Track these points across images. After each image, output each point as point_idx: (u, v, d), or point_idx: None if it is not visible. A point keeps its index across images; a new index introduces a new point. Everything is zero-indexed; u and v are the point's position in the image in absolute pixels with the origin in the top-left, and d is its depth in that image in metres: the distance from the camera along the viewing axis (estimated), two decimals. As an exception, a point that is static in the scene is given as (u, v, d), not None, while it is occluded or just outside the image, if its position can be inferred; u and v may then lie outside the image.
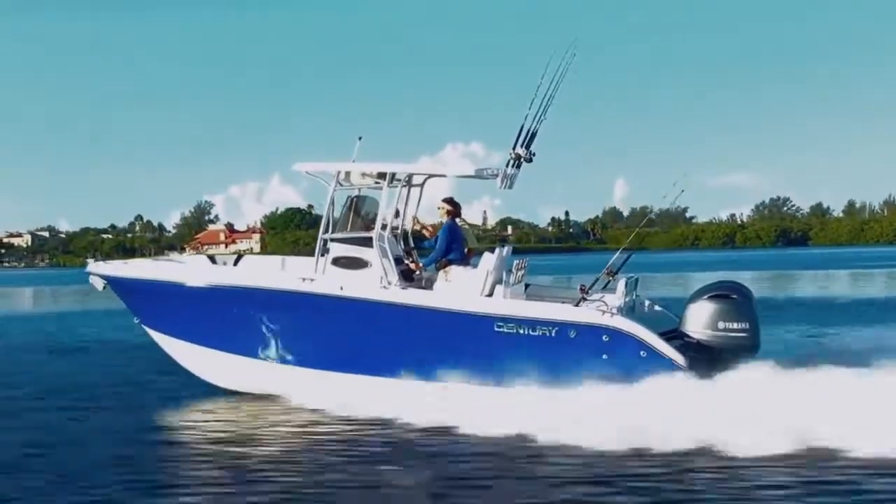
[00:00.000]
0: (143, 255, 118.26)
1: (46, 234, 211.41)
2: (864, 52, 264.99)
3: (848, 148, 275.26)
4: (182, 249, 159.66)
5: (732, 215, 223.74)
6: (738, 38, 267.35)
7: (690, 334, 13.83)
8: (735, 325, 13.64)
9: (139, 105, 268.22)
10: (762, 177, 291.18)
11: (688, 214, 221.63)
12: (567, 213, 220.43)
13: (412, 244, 16.12)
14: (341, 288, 14.15)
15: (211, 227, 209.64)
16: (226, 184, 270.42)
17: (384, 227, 14.56)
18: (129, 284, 15.57)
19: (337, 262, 14.37)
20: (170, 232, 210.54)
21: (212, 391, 15.82)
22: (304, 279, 14.33)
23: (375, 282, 14.15)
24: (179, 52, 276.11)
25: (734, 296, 13.90)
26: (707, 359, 13.52)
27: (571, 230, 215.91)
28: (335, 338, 14.34)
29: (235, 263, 16.26)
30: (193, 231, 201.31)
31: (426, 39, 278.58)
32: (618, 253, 14.84)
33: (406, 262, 15.06)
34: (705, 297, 13.93)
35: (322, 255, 14.49)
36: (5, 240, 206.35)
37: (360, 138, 14.84)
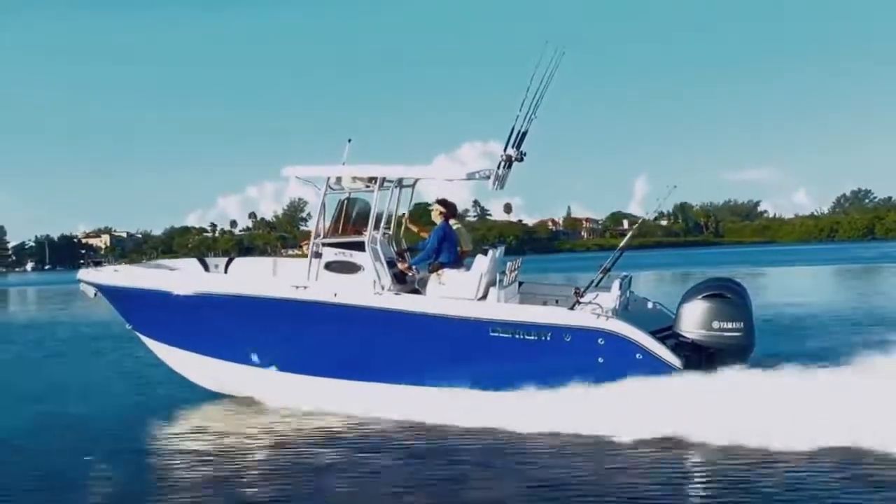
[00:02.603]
0: (264, 254, 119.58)
1: (124, 234, 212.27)
2: (861, 52, 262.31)
3: (859, 143, 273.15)
4: (300, 247, 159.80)
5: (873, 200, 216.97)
6: (748, 35, 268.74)
7: (685, 334, 13.70)
8: (729, 325, 13.44)
9: (150, 106, 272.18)
10: (779, 171, 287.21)
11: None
12: (683, 207, 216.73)
13: (405, 246, 16.06)
14: (335, 295, 14.12)
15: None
16: (242, 184, 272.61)
17: (376, 229, 14.53)
18: (119, 292, 15.55)
19: (329, 266, 14.32)
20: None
21: (207, 396, 15.90)
22: (297, 286, 14.35)
23: (368, 286, 14.10)
24: (193, 53, 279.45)
25: (729, 295, 13.72)
26: (702, 359, 13.34)
27: (687, 224, 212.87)
28: (329, 345, 14.28)
29: (227, 266, 16.27)
30: (290, 228, 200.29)
31: (443, 38, 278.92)
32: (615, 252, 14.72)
33: (398, 264, 14.99)
34: (700, 296, 13.76)
35: (314, 259, 14.45)
36: (84, 240, 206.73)
37: (349, 140, 14.76)
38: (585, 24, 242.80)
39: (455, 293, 14.12)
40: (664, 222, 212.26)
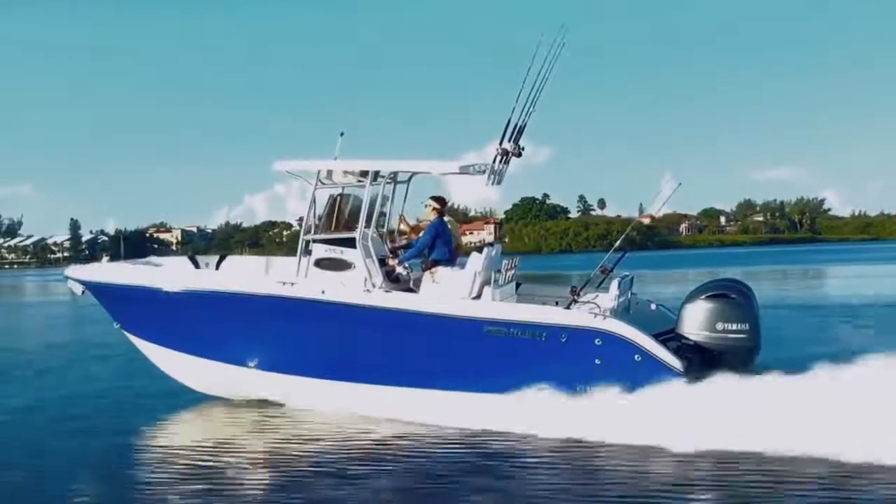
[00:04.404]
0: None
1: (194, 229, 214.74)
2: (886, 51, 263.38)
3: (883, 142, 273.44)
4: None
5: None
6: (760, 35, 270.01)
7: (687, 336, 13.13)
8: (734, 326, 12.88)
9: (174, 106, 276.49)
10: (803, 172, 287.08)
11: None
12: (781, 204, 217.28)
13: (399, 244, 15.57)
14: (323, 292, 13.64)
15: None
16: (270, 181, 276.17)
17: (368, 226, 14.05)
18: (106, 290, 15.11)
19: (319, 263, 13.87)
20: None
21: (195, 397, 15.48)
22: (284, 283, 13.88)
23: (359, 284, 13.62)
24: (214, 50, 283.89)
25: (733, 295, 13.19)
26: (705, 361, 12.73)
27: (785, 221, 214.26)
28: (317, 344, 13.78)
29: (218, 265, 15.78)
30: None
31: (471, 36, 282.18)
32: (610, 252, 14.14)
33: (387, 261, 14.48)
34: (703, 296, 13.26)
35: (304, 256, 14.02)
36: (154, 234, 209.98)
37: (342, 134, 14.36)
38: (607, 22, 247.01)
39: (449, 292, 13.61)
40: (759, 217, 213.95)
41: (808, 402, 11.10)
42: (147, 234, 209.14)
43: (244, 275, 14.76)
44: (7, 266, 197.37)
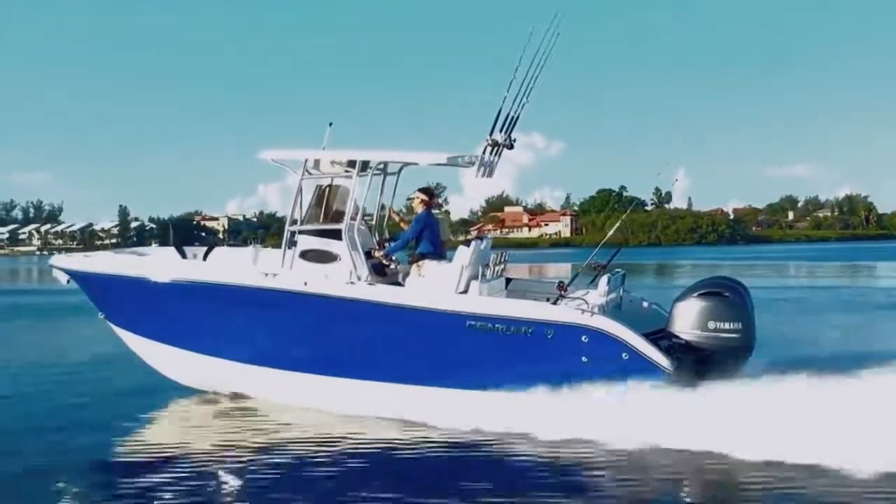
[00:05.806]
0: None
1: (241, 217, 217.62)
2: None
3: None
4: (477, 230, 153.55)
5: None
6: (769, 33, 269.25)
7: (678, 334, 12.70)
8: (727, 325, 12.45)
9: (187, 95, 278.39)
10: (822, 169, 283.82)
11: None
12: (849, 199, 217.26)
13: (387, 236, 15.25)
14: (305, 283, 13.40)
15: (508, 208, 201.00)
16: (283, 173, 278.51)
17: (355, 218, 13.74)
18: (91, 279, 14.95)
19: (305, 255, 13.59)
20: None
21: (180, 391, 15.28)
22: (267, 274, 13.64)
23: (344, 276, 13.34)
24: (212, 44, 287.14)
25: (726, 293, 12.74)
26: (696, 361, 12.35)
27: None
28: (299, 336, 13.52)
29: (206, 256, 15.55)
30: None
31: (488, 29, 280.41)
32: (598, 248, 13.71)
33: (374, 253, 14.16)
34: (695, 294, 12.84)
35: (289, 248, 13.74)
36: (201, 222, 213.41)
37: (330, 124, 14.04)
38: (622, 17, 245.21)
39: (435, 285, 13.27)
40: (826, 212, 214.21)
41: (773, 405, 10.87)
42: (193, 222, 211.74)
43: (229, 266, 14.52)
44: (55, 252, 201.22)
